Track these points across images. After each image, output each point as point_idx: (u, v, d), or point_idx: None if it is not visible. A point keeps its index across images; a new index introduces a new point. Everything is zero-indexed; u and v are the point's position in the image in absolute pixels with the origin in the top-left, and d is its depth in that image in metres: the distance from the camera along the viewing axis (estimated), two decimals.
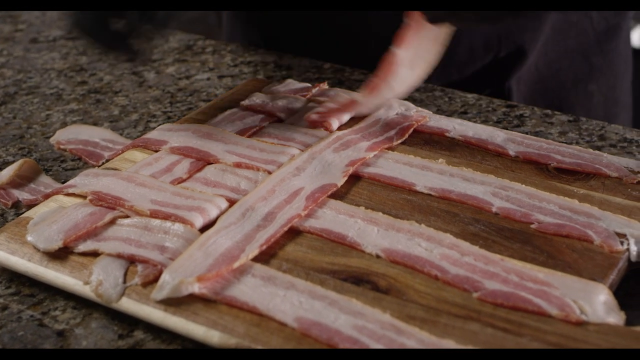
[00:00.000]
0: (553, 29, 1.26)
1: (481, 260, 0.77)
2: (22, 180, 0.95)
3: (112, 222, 0.84)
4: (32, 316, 0.78)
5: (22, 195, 0.93)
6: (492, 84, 1.18)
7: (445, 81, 1.21)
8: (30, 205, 0.91)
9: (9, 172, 0.95)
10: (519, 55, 1.26)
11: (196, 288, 0.74)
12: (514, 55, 1.26)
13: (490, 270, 0.76)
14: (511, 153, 0.95)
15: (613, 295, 0.74)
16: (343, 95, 1.07)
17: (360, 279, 0.77)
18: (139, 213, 0.85)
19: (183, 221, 0.83)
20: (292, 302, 0.73)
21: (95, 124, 1.13)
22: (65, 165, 1.02)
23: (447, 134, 0.99)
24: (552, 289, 0.74)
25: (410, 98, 1.14)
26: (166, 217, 0.84)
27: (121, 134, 1.09)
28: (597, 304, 0.72)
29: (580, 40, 1.28)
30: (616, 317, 0.71)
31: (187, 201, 0.86)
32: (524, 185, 0.88)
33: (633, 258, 0.79)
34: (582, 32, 1.28)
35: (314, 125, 1.01)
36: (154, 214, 0.84)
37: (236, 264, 0.77)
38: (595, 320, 0.71)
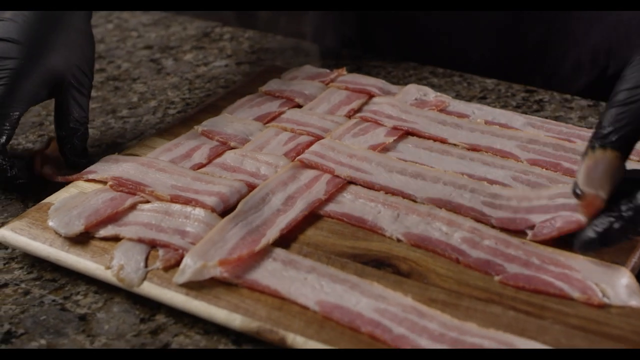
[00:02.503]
0: None
1: (502, 244, 0.77)
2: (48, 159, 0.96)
3: (132, 207, 0.84)
4: (54, 301, 0.78)
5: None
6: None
7: None
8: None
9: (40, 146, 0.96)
10: None
11: (218, 272, 0.74)
12: (621, 72, 1.20)
13: (512, 254, 0.76)
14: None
15: (635, 278, 0.73)
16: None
17: (381, 262, 0.77)
18: (159, 198, 0.85)
19: (203, 206, 0.83)
20: (314, 286, 0.73)
21: (114, 111, 1.13)
22: None
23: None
24: (574, 272, 0.74)
25: (429, 83, 1.14)
26: (187, 202, 0.84)
27: (140, 121, 1.10)
28: (620, 287, 0.72)
29: None
30: (638, 300, 0.71)
31: (207, 186, 0.86)
32: (544, 170, 0.88)
33: None
34: None
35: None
36: (175, 199, 0.84)
37: (257, 248, 0.77)
38: (618, 303, 0.71)
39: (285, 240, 0.80)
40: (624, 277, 0.73)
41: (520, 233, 0.80)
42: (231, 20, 1.63)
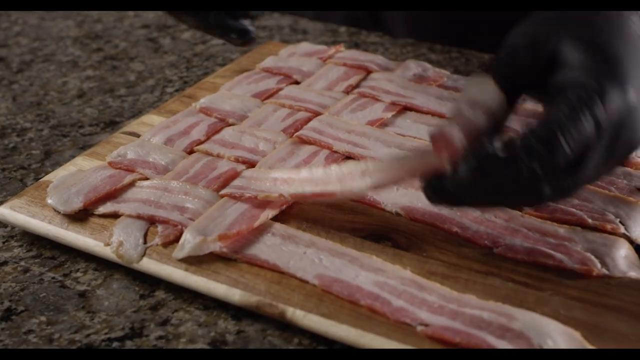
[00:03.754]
0: None
1: (502, 217, 0.77)
2: None
3: (131, 184, 0.84)
4: (53, 278, 0.78)
5: None
6: None
7: None
8: None
9: None
10: None
11: (217, 247, 0.74)
12: None
13: (511, 227, 0.76)
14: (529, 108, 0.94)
15: (634, 249, 0.74)
16: None
17: (381, 236, 0.77)
18: None
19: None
20: (313, 260, 0.73)
21: (111, 90, 1.13)
22: (83, 131, 1.03)
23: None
24: (573, 244, 0.74)
25: (427, 59, 1.14)
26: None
27: (138, 99, 1.09)
28: (619, 258, 0.72)
29: None
30: (638, 272, 0.71)
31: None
32: None
33: None
34: None
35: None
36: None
37: (257, 223, 0.77)
38: (617, 274, 0.71)
39: (284, 215, 0.80)
40: (623, 249, 0.73)
41: None
42: None
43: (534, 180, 0.61)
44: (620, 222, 0.76)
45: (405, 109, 0.96)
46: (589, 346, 0.63)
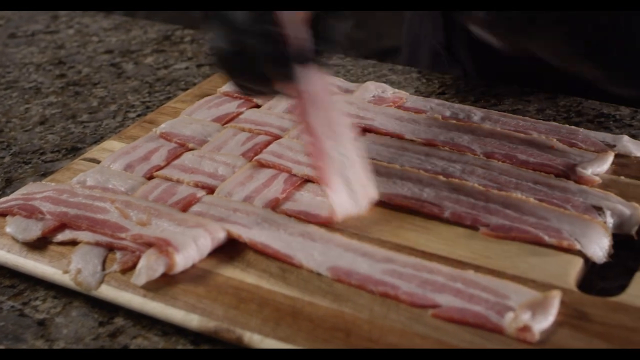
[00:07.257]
0: None
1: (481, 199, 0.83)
2: None
3: None
4: (12, 307, 0.78)
5: None
6: None
7: None
8: None
9: None
10: None
11: (165, 264, 0.75)
12: None
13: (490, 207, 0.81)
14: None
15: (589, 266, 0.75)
16: None
17: None
18: None
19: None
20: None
21: (74, 116, 1.13)
22: (44, 158, 1.02)
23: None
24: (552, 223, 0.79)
25: (388, 80, 1.14)
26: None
27: (100, 125, 1.09)
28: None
29: None
30: None
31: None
32: (500, 163, 0.88)
33: (611, 230, 0.79)
34: None
35: None
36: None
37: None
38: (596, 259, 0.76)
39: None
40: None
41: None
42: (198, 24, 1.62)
43: None
44: (575, 239, 0.77)
45: (365, 130, 0.97)
46: None
